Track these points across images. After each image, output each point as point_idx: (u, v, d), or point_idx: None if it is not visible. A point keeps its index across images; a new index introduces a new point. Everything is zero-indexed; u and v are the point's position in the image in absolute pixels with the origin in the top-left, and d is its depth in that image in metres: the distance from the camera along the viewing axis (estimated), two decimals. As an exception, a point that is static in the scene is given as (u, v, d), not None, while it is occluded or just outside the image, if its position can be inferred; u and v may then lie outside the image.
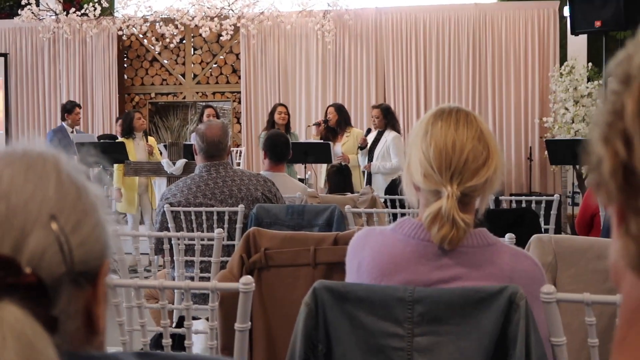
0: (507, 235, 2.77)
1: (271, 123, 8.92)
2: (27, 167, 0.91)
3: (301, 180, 8.56)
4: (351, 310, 1.82)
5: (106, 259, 0.95)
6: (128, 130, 9.18)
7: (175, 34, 11.94)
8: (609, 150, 0.69)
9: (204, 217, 4.37)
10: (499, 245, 1.88)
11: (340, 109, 8.95)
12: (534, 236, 2.83)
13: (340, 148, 8.62)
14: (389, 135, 8.41)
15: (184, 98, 12.86)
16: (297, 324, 1.84)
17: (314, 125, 9.22)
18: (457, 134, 1.85)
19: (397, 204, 5.53)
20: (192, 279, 3.76)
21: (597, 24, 7.51)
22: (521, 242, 2.91)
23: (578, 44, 10.94)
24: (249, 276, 1.98)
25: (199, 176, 4.47)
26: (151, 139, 9.47)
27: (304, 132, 11.53)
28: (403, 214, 4.58)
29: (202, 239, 3.75)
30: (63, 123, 9.68)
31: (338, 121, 8.80)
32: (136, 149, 9.03)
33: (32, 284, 0.83)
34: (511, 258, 1.85)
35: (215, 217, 4.36)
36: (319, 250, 3.01)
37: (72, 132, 9.56)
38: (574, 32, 7.98)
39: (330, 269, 3.02)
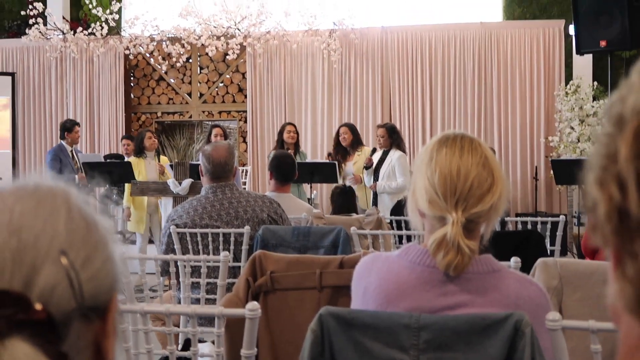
0: (513, 259, 2.77)
1: (280, 142, 8.94)
2: (38, 203, 0.91)
3: (308, 199, 8.58)
4: (357, 336, 1.82)
5: (116, 292, 0.96)
6: (139, 150, 9.23)
7: (181, 53, 12.01)
8: (604, 193, 0.69)
9: (209, 238, 4.38)
10: (504, 271, 1.88)
11: (353, 129, 8.97)
12: (540, 260, 2.83)
13: (352, 167, 8.64)
14: (394, 154, 8.41)
15: (190, 117, 12.90)
16: (303, 350, 1.85)
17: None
18: (461, 160, 1.86)
19: (403, 224, 5.54)
20: (198, 300, 3.76)
21: (603, 43, 7.51)
22: (527, 264, 2.92)
23: (583, 63, 10.96)
24: (255, 302, 1.99)
25: (205, 197, 4.49)
26: (164, 159, 9.47)
27: (310, 151, 11.57)
28: (409, 236, 4.58)
29: (208, 262, 3.75)
30: (62, 142, 9.60)
31: (352, 141, 8.81)
32: (147, 169, 9.06)
33: (42, 320, 0.84)
34: (516, 284, 1.85)
35: (221, 239, 4.37)
36: (325, 273, 3.01)
37: (71, 150, 9.54)
38: (579, 52, 7.99)
39: (336, 292, 3.02)
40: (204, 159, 4.55)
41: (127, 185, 9.02)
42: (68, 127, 9.60)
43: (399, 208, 5.81)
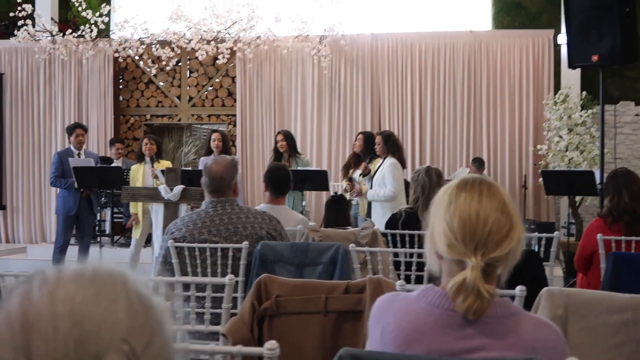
0: (518, 288, 2.80)
1: (276, 152, 9.04)
2: (98, 291, 0.93)
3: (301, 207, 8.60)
4: (376, 378, 1.84)
5: None
6: (139, 155, 9.25)
7: (171, 56, 12.00)
8: None
9: (207, 253, 4.39)
10: (523, 315, 1.91)
11: (369, 138, 8.89)
12: (545, 289, 2.86)
13: (358, 177, 8.65)
14: (387, 162, 8.35)
15: (179, 120, 12.89)
16: (322, 391, 1.87)
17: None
18: (480, 205, 1.88)
19: (398, 238, 5.57)
20: (201, 319, 3.77)
21: (595, 58, 7.55)
22: (525, 286, 2.93)
23: (572, 73, 11.02)
24: (274, 342, 2.00)
25: (205, 212, 4.50)
26: (165, 163, 9.31)
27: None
28: (411, 254, 4.61)
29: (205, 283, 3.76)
30: (70, 145, 9.47)
31: (363, 150, 8.82)
32: (145, 175, 9.06)
33: None
34: (534, 328, 1.88)
35: (219, 254, 4.38)
36: (330, 298, 3.04)
37: (79, 154, 9.40)
38: (571, 66, 8.02)
39: (341, 317, 3.05)
40: (203, 172, 4.57)
41: None
42: (68, 131, 9.40)
43: (393, 221, 5.83)
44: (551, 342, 1.88)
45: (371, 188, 8.27)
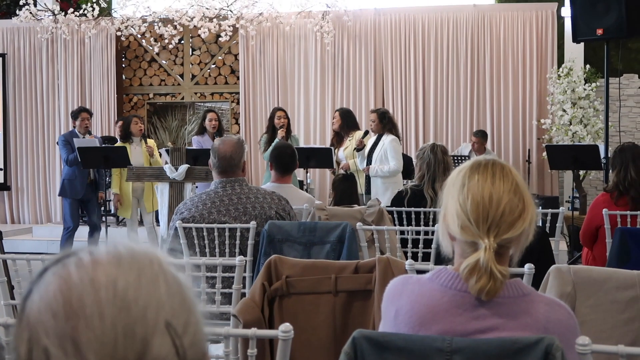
0: (526, 266, 2.82)
1: (271, 127, 8.94)
2: (139, 273, 0.93)
3: (300, 182, 8.60)
4: (390, 359, 1.86)
5: (207, 351, 0.98)
6: (125, 135, 9.25)
7: (173, 34, 11.97)
8: None
9: (215, 233, 4.41)
10: (534, 295, 1.93)
11: (345, 114, 8.93)
12: (553, 267, 2.88)
13: (342, 153, 8.67)
14: (386, 138, 8.37)
15: (183, 98, 12.89)
16: (337, 373, 1.89)
17: None
18: (493, 187, 1.90)
19: (404, 215, 5.59)
20: (210, 299, 3.80)
21: (599, 31, 7.52)
22: (531, 261, 2.94)
23: (576, 46, 10.97)
24: (288, 324, 2.02)
25: (215, 192, 4.51)
26: (150, 141, 9.45)
27: (303, 134, 11.61)
28: (418, 232, 4.63)
29: (216, 259, 3.78)
30: (74, 129, 9.32)
31: (341, 126, 8.81)
32: (132, 154, 9.03)
33: None
34: (546, 308, 1.90)
35: (227, 234, 4.40)
36: (340, 278, 3.06)
37: (84, 137, 9.30)
38: (576, 40, 7.99)
39: (351, 296, 3.07)
40: (212, 152, 4.59)
41: (113, 171, 9.11)
42: (73, 115, 9.25)
43: (399, 199, 5.84)
44: (563, 322, 1.90)
45: (368, 164, 8.28)
